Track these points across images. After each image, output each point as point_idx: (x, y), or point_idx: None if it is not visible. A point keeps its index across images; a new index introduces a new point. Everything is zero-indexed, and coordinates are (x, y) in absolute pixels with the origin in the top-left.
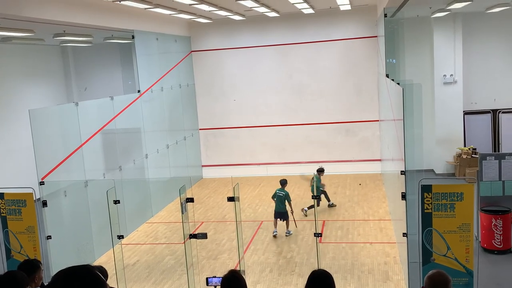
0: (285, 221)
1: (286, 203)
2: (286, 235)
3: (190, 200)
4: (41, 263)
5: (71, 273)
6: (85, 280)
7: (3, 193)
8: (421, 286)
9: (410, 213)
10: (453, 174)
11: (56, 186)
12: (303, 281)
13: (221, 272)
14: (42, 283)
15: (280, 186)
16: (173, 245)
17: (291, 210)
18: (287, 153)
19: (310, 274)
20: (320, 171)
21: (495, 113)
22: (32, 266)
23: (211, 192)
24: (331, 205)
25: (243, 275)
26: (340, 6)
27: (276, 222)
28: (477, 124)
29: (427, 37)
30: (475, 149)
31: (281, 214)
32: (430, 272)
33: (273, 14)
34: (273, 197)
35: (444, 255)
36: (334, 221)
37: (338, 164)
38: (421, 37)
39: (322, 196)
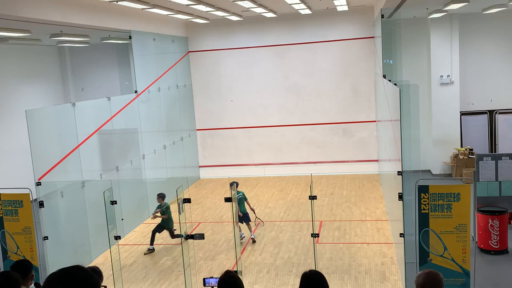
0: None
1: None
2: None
3: (187, 200)
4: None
5: (63, 274)
6: (78, 280)
7: None
8: None
9: (407, 213)
10: (450, 175)
11: (53, 186)
12: None
13: (218, 272)
14: (36, 283)
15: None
16: (170, 246)
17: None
18: (284, 154)
19: (302, 276)
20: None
21: (491, 113)
22: (26, 267)
23: (208, 193)
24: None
25: (240, 276)
26: (337, 7)
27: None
28: (473, 124)
29: (424, 38)
30: (471, 149)
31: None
32: (422, 272)
33: (270, 14)
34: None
35: (441, 256)
36: (331, 222)
37: (335, 164)
38: (418, 38)
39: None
